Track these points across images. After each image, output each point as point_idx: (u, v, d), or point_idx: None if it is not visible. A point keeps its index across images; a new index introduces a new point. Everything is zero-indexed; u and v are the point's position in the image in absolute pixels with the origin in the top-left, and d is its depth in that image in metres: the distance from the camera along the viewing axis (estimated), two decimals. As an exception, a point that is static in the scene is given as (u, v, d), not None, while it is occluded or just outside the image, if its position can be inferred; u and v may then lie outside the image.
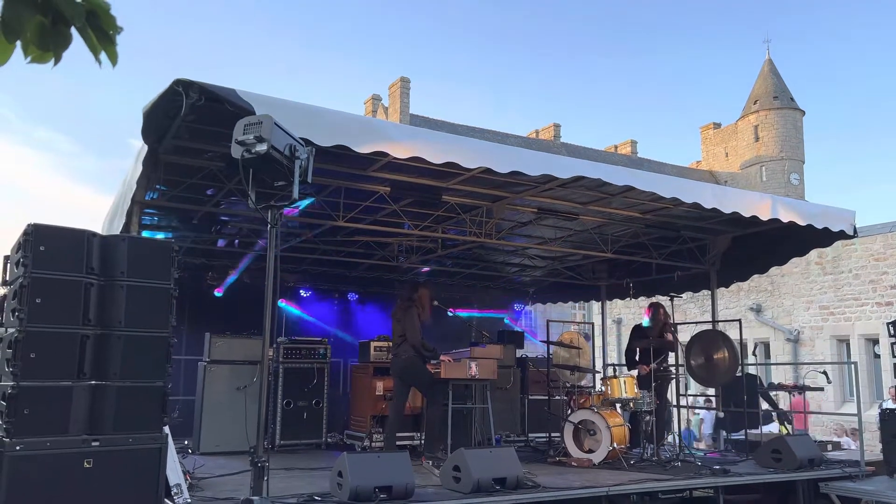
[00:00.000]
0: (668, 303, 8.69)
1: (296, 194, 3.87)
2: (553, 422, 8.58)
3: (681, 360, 8.91)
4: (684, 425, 12.78)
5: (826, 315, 16.52)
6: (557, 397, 8.86)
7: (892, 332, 7.60)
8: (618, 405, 7.70)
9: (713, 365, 8.36)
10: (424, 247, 9.31)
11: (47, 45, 1.75)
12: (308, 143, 4.34)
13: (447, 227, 8.08)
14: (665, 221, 8.27)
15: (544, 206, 7.59)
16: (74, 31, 1.76)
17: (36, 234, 3.72)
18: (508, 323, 12.60)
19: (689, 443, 11.47)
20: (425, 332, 7.39)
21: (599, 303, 11.93)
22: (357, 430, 8.58)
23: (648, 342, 8.14)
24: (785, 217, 6.94)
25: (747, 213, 6.72)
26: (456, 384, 7.04)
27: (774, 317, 17.67)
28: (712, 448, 10.15)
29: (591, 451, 7.15)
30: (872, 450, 7.61)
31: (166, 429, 4.01)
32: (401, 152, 5.07)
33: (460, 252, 9.69)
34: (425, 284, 7.84)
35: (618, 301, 15.15)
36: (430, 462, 6.57)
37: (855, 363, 8.60)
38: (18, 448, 3.47)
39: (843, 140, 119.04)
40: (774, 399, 11.40)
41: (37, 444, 3.53)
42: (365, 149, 4.90)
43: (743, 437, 8.54)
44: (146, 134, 4.75)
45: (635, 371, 8.48)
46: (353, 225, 7.44)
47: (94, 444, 3.68)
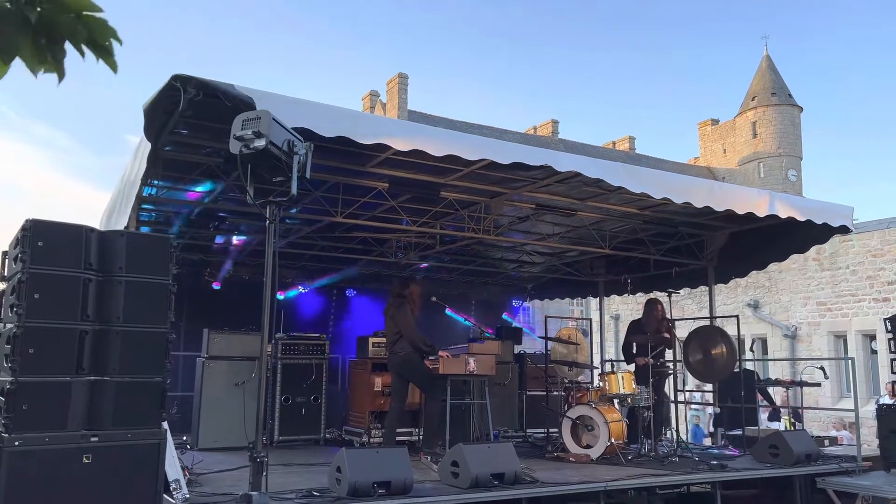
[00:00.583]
0: (665, 299, 8.70)
1: (294, 190, 3.87)
2: (551, 417, 8.61)
3: (679, 356, 8.92)
4: (694, 422, 12.84)
5: (823, 311, 16.56)
6: (555, 393, 8.89)
7: (889, 327, 7.61)
8: (615, 401, 7.72)
9: (711, 360, 8.37)
10: (422, 243, 9.31)
11: (45, 61, 1.76)
12: (309, 135, 4.32)
13: (445, 223, 8.08)
14: (663, 218, 8.27)
15: (542, 202, 7.59)
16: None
17: (34, 229, 3.71)
18: (507, 318, 12.63)
19: (699, 440, 11.52)
20: (423, 328, 7.38)
21: (597, 299, 11.94)
22: (355, 426, 8.59)
23: (646, 338, 8.16)
24: (783, 213, 6.93)
25: (742, 210, 6.72)
26: (454, 380, 7.03)
27: (772, 313, 17.70)
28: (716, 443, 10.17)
29: (588, 447, 7.16)
30: (870, 444, 7.65)
31: (165, 424, 4.01)
32: (402, 145, 5.07)
33: (458, 248, 9.69)
34: (417, 281, 7.82)
35: (615, 297, 15.15)
36: (429, 457, 6.57)
37: (852, 359, 8.60)
38: (17, 443, 3.48)
39: (840, 136, 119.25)
40: (772, 395, 11.44)
41: (35, 440, 3.53)
42: (367, 140, 4.88)
43: (740, 432, 8.55)
44: (148, 131, 4.73)
45: (632, 366, 8.50)
46: (352, 221, 7.44)
47: (92, 439, 3.68)
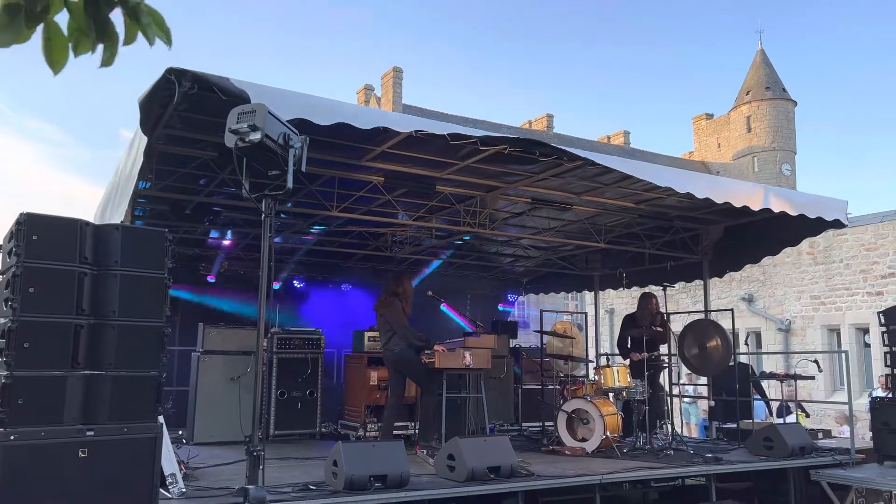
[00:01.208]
0: (660, 293, 8.72)
1: (290, 183, 3.86)
2: (546, 411, 8.63)
3: (673, 350, 8.95)
4: (701, 416, 12.89)
5: (817, 305, 16.63)
6: (551, 387, 8.91)
7: (882, 321, 7.64)
8: (611, 394, 7.74)
9: (706, 354, 8.40)
10: (418, 237, 9.30)
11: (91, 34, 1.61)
12: (307, 125, 4.30)
13: (441, 217, 8.08)
14: (658, 211, 8.28)
15: (538, 196, 7.59)
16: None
17: (29, 223, 3.69)
18: (502, 309, 12.64)
19: (704, 433, 11.57)
20: (419, 323, 7.38)
21: (592, 293, 11.98)
22: (351, 420, 8.60)
23: (641, 332, 8.18)
24: (777, 207, 6.95)
25: (738, 203, 6.74)
26: (450, 374, 7.05)
27: (766, 307, 17.77)
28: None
29: (584, 440, 7.19)
30: (864, 437, 7.69)
31: (161, 418, 4.01)
32: (402, 127, 5.08)
33: (451, 243, 9.69)
34: (410, 276, 7.80)
35: (610, 291, 15.20)
36: (425, 451, 6.58)
37: (846, 352, 8.65)
38: (13, 437, 3.47)
39: (834, 131, 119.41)
40: (765, 389, 11.47)
41: (31, 434, 3.52)
42: (366, 125, 4.84)
43: (735, 426, 8.59)
44: (144, 125, 4.70)
45: (627, 360, 8.53)
46: (347, 215, 7.43)
47: (88, 433, 3.67)
